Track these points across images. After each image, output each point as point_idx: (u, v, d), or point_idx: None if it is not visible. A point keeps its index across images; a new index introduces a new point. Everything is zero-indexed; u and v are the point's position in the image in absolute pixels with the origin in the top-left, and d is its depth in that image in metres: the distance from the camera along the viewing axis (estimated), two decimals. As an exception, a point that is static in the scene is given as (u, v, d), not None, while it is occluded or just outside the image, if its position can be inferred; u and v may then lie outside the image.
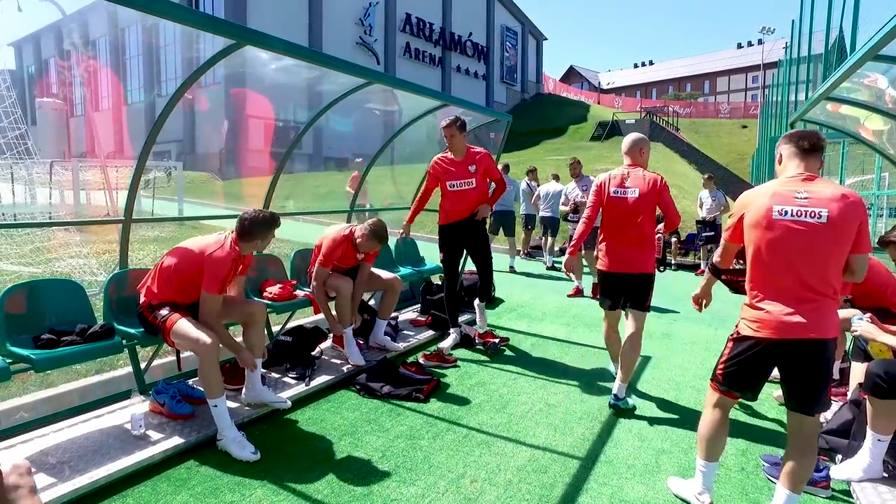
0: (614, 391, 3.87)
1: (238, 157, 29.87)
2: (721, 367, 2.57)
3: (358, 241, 4.56)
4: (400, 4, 37.59)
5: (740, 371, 2.50)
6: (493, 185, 5.29)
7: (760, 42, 54.09)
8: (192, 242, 3.34)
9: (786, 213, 2.34)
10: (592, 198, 3.90)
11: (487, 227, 5.30)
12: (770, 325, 2.35)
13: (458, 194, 4.98)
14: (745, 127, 40.68)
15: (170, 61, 33.86)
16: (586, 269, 7.77)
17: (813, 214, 2.30)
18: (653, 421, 3.74)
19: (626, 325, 3.93)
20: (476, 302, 5.47)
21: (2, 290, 3.13)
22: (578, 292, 7.66)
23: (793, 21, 15.39)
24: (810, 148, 2.43)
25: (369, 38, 35.70)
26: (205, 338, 3.02)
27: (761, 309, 2.39)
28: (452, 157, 4.97)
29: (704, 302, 3.03)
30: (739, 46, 74.07)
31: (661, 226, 3.86)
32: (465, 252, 5.25)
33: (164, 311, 3.19)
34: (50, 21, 39.50)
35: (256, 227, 3.30)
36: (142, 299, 3.31)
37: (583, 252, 7.26)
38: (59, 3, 15.24)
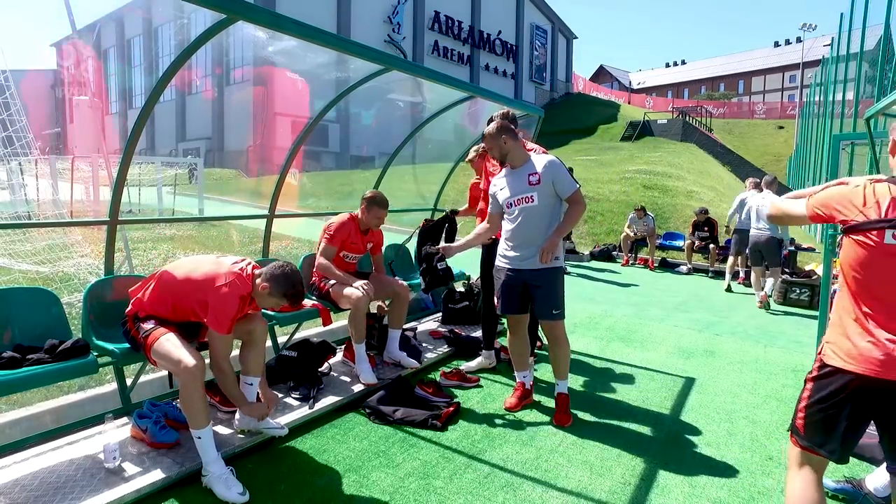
0: None
1: (264, 153, 29.83)
2: (801, 414, 2.02)
3: (361, 217, 4.29)
4: (428, 2, 37.27)
5: (826, 420, 1.94)
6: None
7: (799, 40, 52.24)
8: (201, 265, 2.90)
9: None
10: None
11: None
12: (873, 359, 1.82)
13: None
14: (781, 128, 39.39)
15: (199, 57, 34.03)
16: None
17: None
18: (703, 461, 3.22)
19: None
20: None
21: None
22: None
23: (841, 14, 14.49)
24: None
25: (397, 36, 35.43)
26: (188, 359, 2.60)
27: (864, 334, 1.86)
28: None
29: None
30: (777, 45, 71.94)
31: None
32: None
33: (148, 325, 2.80)
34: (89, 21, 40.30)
35: (277, 284, 2.88)
36: (129, 308, 2.94)
37: None
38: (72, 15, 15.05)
